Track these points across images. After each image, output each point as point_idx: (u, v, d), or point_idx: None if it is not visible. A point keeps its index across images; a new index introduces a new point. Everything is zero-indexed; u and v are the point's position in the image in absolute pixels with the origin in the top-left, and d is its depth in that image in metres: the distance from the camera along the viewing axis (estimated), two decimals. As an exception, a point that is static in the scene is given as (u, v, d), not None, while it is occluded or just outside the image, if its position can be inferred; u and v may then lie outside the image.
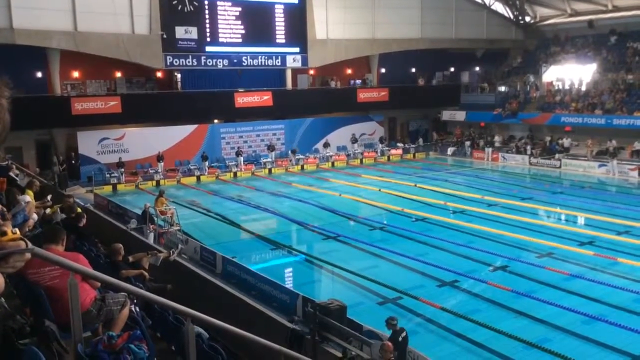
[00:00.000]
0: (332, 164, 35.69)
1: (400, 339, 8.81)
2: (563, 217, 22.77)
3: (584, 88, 36.31)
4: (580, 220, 21.78)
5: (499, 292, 14.06)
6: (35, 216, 8.88)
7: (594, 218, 21.22)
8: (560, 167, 32.56)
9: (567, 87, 37.27)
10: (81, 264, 4.67)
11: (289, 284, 14.79)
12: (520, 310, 12.92)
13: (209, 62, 32.93)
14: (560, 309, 12.90)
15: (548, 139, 35.12)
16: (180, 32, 31.86)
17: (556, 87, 37.77)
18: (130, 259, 8.89)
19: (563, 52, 40.11)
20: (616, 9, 38.85)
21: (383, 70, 41.01)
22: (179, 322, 6.41)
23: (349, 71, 39.61)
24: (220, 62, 33.22)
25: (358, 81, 39.60)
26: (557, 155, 33.30)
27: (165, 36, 31.21)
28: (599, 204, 23.76)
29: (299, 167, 34.60)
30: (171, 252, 10.12)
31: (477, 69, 44.25)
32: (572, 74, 37.53)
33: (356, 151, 37.14)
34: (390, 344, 8.29)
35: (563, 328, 11.98)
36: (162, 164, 30.81)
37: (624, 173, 30.07)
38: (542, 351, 10.95)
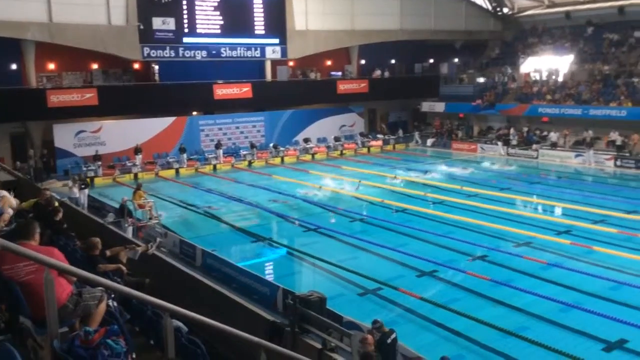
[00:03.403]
0: (313, 156, 35.66)
1: (389, 340, 8.86)
2: (540, 206, 23.06)
3: (560, 79, 36.70)
4: (557, 210, 22.09)
5: (477, 282, 14.22)
6: (10, 211, 8.75)
7: (570, 207, 21.53)
8: (537, 157, 32.93)
9: (544, 78, 37.63)
10: (56, 259, 4.62)
11: (269, 277, 14.79)
12: (498, 299, 13.10)
13: (187, 53, 32.60)
14: (538, 297, 13.09)
15: (525, 129, 35.47)
16: (157, 23, 31.47)
17: (533, 78, 38.12)
18: (108, 253, 8.78)
19: (540, 44, 40.48)
20: (592, 0, 39.30)
21: (363, 62, 41.04)
22: (158, 316, 6.37)
23: (329, 62, 39.54)
24: (198, 53, 32.92)
25: (338, 73, 39.56)
26: (534, 146, 33.65)
27: (142, 27, 30.80)
28: (576, 193, 24.10)
29: (279, 159, 34.52)
30: (149, 245, 10.02)
31: (456, 60, 44.48)
32: (550, 65, 37.90)
33: (336, 143, 37.15)
34: (370, 337, 8.33)
35: (540, 316, 12.17)
36: (140, 156, 30.51)
37: (600, 163, 30.51)
38: (520, 339, 11.11)
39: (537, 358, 10.41)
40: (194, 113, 34.88)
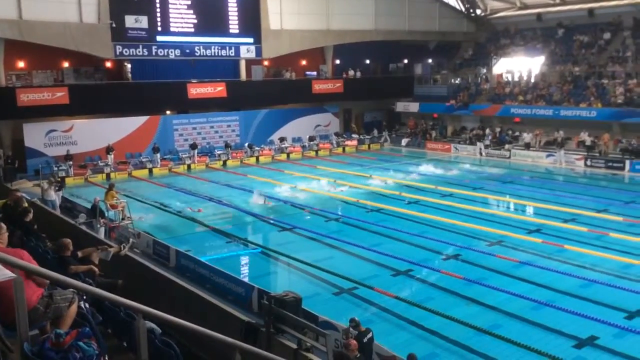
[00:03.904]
0: (288, 155, 35.61)
1: (365, 339, 8.88)
2: (512, 206, 23.37)
3: (532, 80, 37.26)
4: (529, 209, 22.42)
5: (451, 280, 14.36)
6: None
7: (542, 207, 21.86)
8: (509, 157, 33.37)
9: (516, 79, 38.16)
10: (25, 261, 4.53)
11: (244, 277, 14.74)
12: (471, 297, 13.24)
13: (161, 52, 32.25)
14: (510, 295, 13.27)
15: (498, 129, 35.92)
16: (130, 21, 31.08)
17: (506, 79, 38.63)
18: (80, 254, 8.63)
19: (513, 45, 41.05)
20: (563, 2, 40.03)
21: (338, 62, 41.12)
22: (131, 317, 6.29)
23: (304, 62, 39.52)
24: (172, 52, 32.59)
25: (313, 73, 39.57)
26: (507, 146, 34.09)
27: (114, 25, 30.39)
28: (547, 193, 24.48)
29: (254, 159, 34.39)
30: (122, 246, 9.87)
31: (430, 60, 44.84)
32: (522, 66, 38.45)
33: (311, 143, 37.16)
34: (355, 342, 8.34)
35: (512, 314, 12.34)
36: (112, 156, 30.09)
37: (571, 163, 31.04)
38: (493, 337, 11.25)
39: (510, 355, 10.54)
40: (168, 112, 34.55)
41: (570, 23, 39.32)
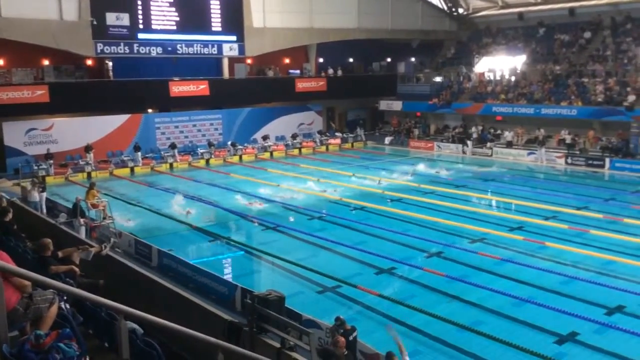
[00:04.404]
0: (271, 154, 35.53)
1: (350, 338, 8.90)
2: (495, 203, 23.56)
3: (514, 79, 37.58)
4: (511, 207, 22.61)
5: (434, 278, 14.44)
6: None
7: (523, 204, 22.05)
8: (491, 155, 33.64)
9: (498, 77, 38.46)
10: (3, 261, 4.47)
11: (227, 276, 14.69)
12: (454, 295, 13.33)
13: (142, 49, 32.00)
14: (492, 292, 13.38)
15: (480, 128, 36.18)
16: (111, 18, 30.81)
17: (488, 78, 38.92)
18: (60, 254, 8.54)
19: (494, 44, 41.37)
20: (544, 1, 40.44)
21: (321, 60, 41.14)
22: (112, 318, 6.25)
23: (287, 61, 39.48)
24: (153, 49, 32.36)
25: (296, 71, 39.54)
26: (488, 144, 34.35)
27: (95, 22, 30.11)
28: (528, 190, 24.71)
29: (238, 157, 34.27)
30: (103, 246, 9.79)
31: (413, 59, 45.04)
32: (503, 64, 38.76)
33: (294, 141, 37.12)
34: (342, 339, 8.34)
35: (494, 310, 12.45)
36: (92, 154, 29.76)
37: (552, 161, 31.37)
38: (475, 333, 11.33)
39: (492, 351, 10.62)
40: (150, 111, 34.29)
41: (551, 22, 39.73)
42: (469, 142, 34.80)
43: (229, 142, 35.07)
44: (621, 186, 25.70)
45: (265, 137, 36.32)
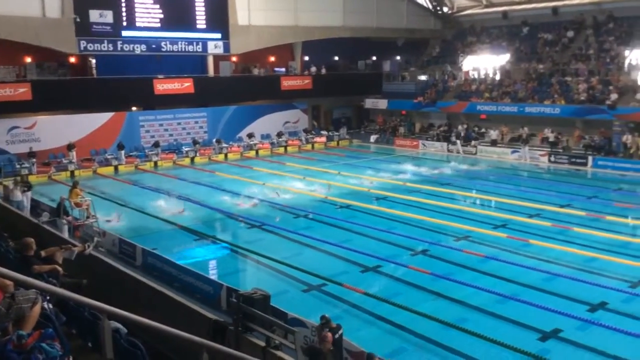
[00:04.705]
0: (257, 152, 35.45)
1: (336, 336, 8.90)
2: (479, 201, 23.71)
3: (498, 77, 37.82)
4: (495, 204, 22.77)
5: (419, 276, 14.49)
6: None
7: (507, 202, 22.22)
8: (476, 153, 33.84)
9: (482, 76, 38.69)
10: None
11: (213, 275, 14.63)
12: (439, 292, 13.39)
13: (126, 47, 31.75)
14: (476, 290, 13.46)
15: (465, 126, 36.36)
16: (94, 15, 30.53)
17: (472, 77, 39.13)
18: (43, 253, 8.46)
19: (479, 43, 41.59)
20: (528, 0, 40.71)
21: (307, 58, 41.11)
22: (96, 318, 6.21)
23: (272, 59, 39.41)
24: (137, 47, 32.12)
25: (282, 69, 39.47)
26: (473, 142, 34.55)
27: (78, 20, 29.82)
28: (512, 188, 24.91)
29: (223, 155, 34.14)
30: (86, 245, 9.72)
31: (398, 57, 45.15)
32: (487, 63, 38.99)
33: (280, 140, 37.08)
34: (330, 334, 8.34)
35: (478, 307, 12.52)
36: (74, 153, 29.47)
37: (535, 159, 31.63)
38: (459, 330, 11.39)
39: (476, 348, 10.69)
40: (134, 108, 34.03)
41: (534, 21, 40.03)
42: (458, 141, 34.84)
43: (214, 139, 34.91)
44: (604, 184, 25.99)
45: (250, 135, 36.20)
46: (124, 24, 31.60)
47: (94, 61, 32.24)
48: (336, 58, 43.61)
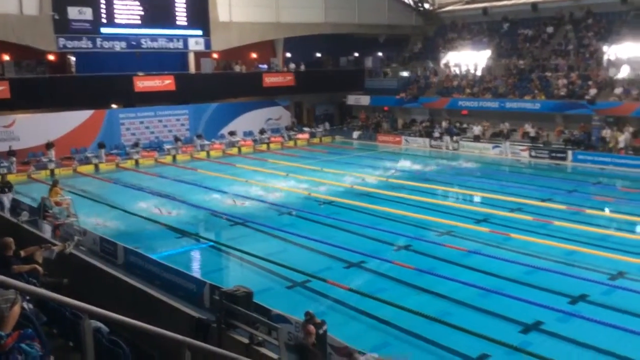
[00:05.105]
0: (239, 149, 35.33)
1: (320, 331, 8.91)
2: (461, 196, 23.86)
3: (479, 73, 38.05)
4: (477, 199, 22.94)
5: (402, 271, 14.56)
6: None
7: (489, 197, 22.40)
8: (458, 149, 34.03)
9: (463, 72, 38.90)
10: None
11: (196, 273, 14.55)
12: (422, 287, 13.47)
13: (106, 44, 31.43)
14: (459, 284, 13.56)
15: (446, 122, 36.53)
16: (73, 12, 30.15)
17: (454, 73, 39.32)
18: (22, 253, 8.36)
19: (460, 39, 41.79)
20: (508, -3, 41.02)
21: (288, 55, 41.01)
22: (77, 317, 6.13)
23: (254, 55, 39.23)
24: (117, 44, 31.81)
25: (264, 65, 39.33)
26: (454, 138, 34.74)
27: (57, 17, 29.43)
28: (494, 183, 25.10)
29: (205, 153, 33.96)
30: (67, 244, 9.63)
31: (380, 54, 45.22)
32: (469, 59, 39.21)
33: (262, 136, 36.97)
34: (312, 327, 8.35)
35: (462, 301, 12.61)
36: (53, 152, 29.12)
37: (516, 154, 31.90)
38: (443, 324, 11.46)
39: (460, 342, 10.76)
40: (114, 106, 33.70)
41: (515, 17, 40.33)
42: (447, 137, 34.83)
43: (195, 134, 34.64)
44: (583, 178, 26.31)
45: (232, 133, 36.04)
46: (103, 20, 31.25)
47: (73, 59, 31.85)
48: (318, 55, 43.55)
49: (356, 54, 44.69)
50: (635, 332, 10.96)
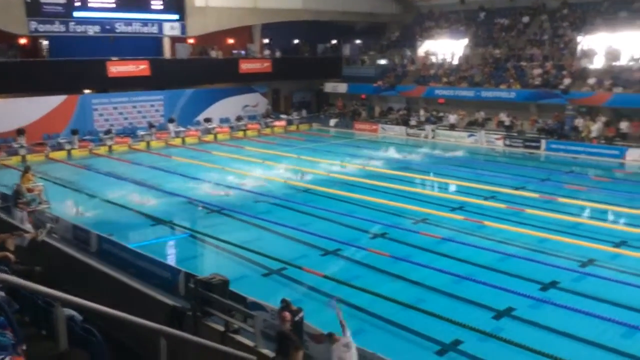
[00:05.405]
0: (215, 136, 35.08)
1: (297, 318, 8.94)
2: (437, 184, 24.06)
3: (455, 62, 38.25)
4: (452, 187, 23.16)
5: (378, 258, 14.67)
6: None
7: (463, 185, 22.64)
8: (434, 137, 34.26)
9: (440, 61, 39.06)
10: None
11: (171, 261, 14.47)
12: (397, 274, 13.59)
13: (79, 28, 30.79)
14: (434, 271, 13.72)
15: (423, 111, 36.73)
16: (45, -5, 29.50)
17: (430, 61, 39.47)
18: (-7, 241, 8.24)
19: (437, 27, 41.90)
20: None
21: (266, 41, 40.70)
22: (50, 305, 6.07)
23: (231, 41, 38.85)
24: (90, 28, 31.20)
25: (241, 52, 39.00)
26: (431, 126, 34.94)
27: (28, 0, 28.74)
28: (469, 171, 25.34)
29: (180, 140, 33.64)
30: (39, 231, 9.49)
31: (358, 42, 45.12)
32: (446, 48, 39.37)
33: (239, 123, 36.74)
34: (287, 313, 8.38)
35: (436, 288, 12.77)
36: (24, 137, 28.56)
37: (491, 142, 32.24)
38: (418, 311, 11.61)
39: (434, 328, 10.91)
40: (87, 91, 33.13)
41: (491, 6, 40.55)
42: (427, 126, 34.89)
43: (168, 119, 34.22)
44: (556, 166, 26.71)
45: (207, 120, 35.72)
46: (77, 4, 30.59)
47: (45, 43, 31.17)
48: (296, 41, 43.31)
49: (334, 42, 44.56)
50: (604, 318, 11.22)
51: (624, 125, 28.74)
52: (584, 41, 33.44)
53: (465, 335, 10.66)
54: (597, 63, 31.70)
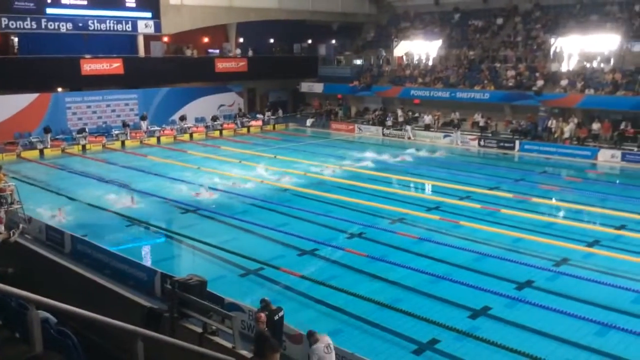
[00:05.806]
0: (191, 136, 34.79)
1: (276, 317, 8.90)
2: (413, 185, 24.20)
3: (430, 63, 38.54)
4: (428, 188, 23.30)
5: (355, 258, 14.70)
6: None
7: (439, 185, 22.80)
8: (410, 138, 34.43)
9: (415, 62, 39.32)
10: None
11: (147, 262, 14.30)
12: (374, 274, 13.63)
13: (51, 25, 30.24)
14: (410, 271, 13.79)
15: (399, 111, 36.90)
16: (16, -9, 28.92)
17: (406, 62, 39.69)
18: (-37, 242, 8.03)
19: (412, 28, 42.17)
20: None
21: (241, 40, 40.50)
22: (23, 307, 5.93)
23: (206, 40, 38.57)
24: (63, 25, 30.66)
25: (216, 50, 38.72)
26: (407, 127, 35.11)
27: (-2, -5, 28.19)
28: (444, 172, 25.53)
29: (155, 139, 33.29)
30: (11, 232, 9.29)
31: (334, 41, 45.17)
32: (421, 49, 39.63)
33: (215, 123, 36.49)
34: (262, 315, 8.35)
35: (412, 288, 12.84)
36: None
37: (466, 143, 32.55)
38: (394, 311, 11.66)
39: (410, 328, 10.96)
40: (59, 90, 32.58)
41: (465, 8, 40.93)
42: (408, 127, 34.97)
43: (140, 116, 33.80)
44: (530, 167, 27.07)
45: (182, 118, 35.40)
46: (49, 1, 30.07)
47: (16, 39, 30.57)
48: (272, 40, 43.16)
49: (310, 41, 44.54)
50: (578, 317, 11.40)
51: (595, 127, 29.26)
52: (557, 43, 33.96)
53: (442, 334, 10.73)
54: (569, 65, 32.23)
